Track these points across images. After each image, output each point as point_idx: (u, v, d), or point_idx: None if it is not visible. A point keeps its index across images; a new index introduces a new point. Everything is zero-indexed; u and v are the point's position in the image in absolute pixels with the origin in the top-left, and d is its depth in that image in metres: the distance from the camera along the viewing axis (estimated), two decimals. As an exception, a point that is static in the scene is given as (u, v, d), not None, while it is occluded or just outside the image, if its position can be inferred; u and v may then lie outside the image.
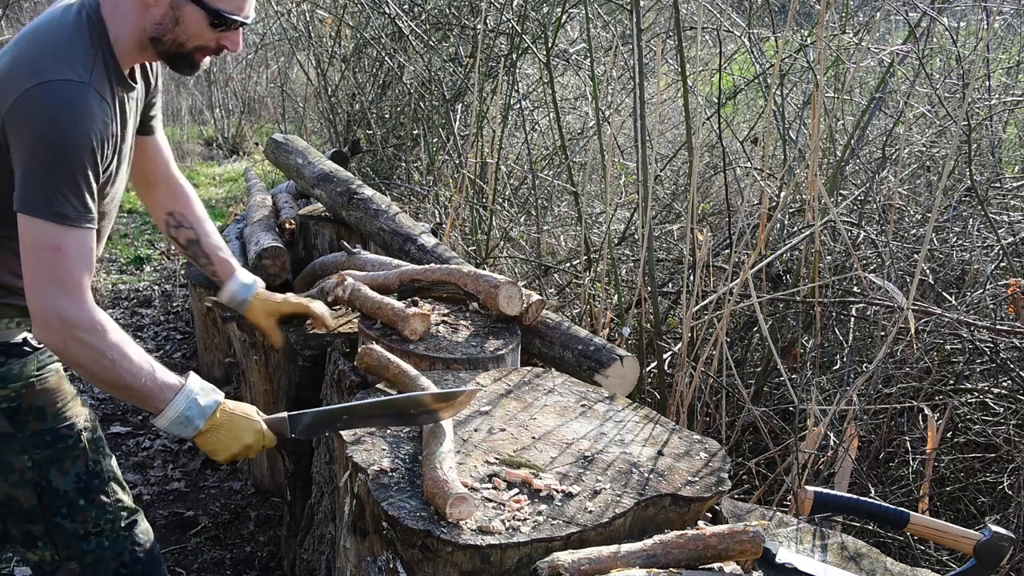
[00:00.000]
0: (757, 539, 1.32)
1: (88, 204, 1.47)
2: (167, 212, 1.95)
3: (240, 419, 1.60)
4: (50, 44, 1.50)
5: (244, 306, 2.05)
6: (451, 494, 1.32)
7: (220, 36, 1.59)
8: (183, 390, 1.55)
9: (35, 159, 1.43)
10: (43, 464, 1.67)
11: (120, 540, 1.77)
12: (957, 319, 2.35)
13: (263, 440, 1.62)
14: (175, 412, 1.54)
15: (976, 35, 3.89)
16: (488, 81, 4.73)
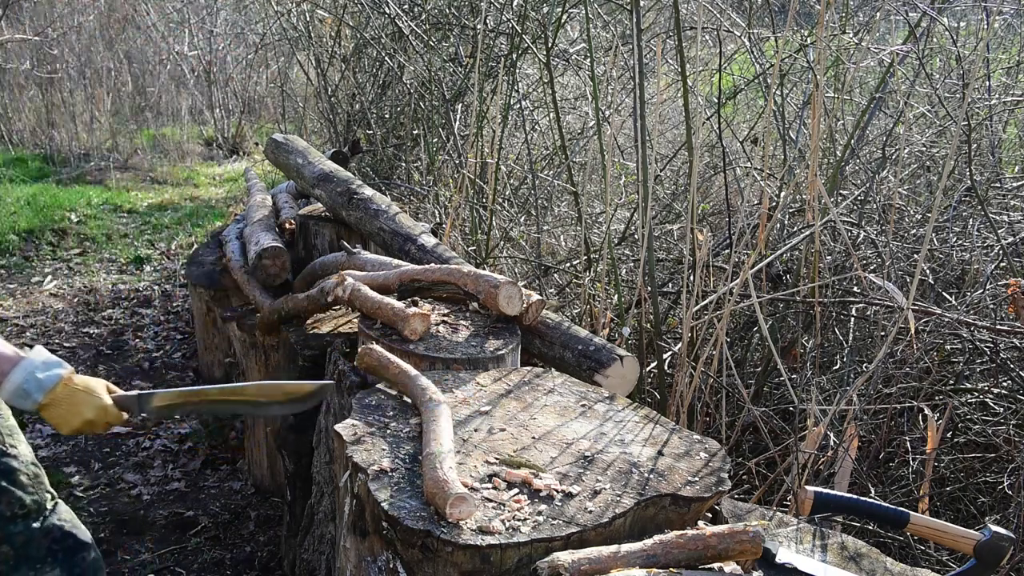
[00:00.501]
0: (757, 539, 1.32)
1: None
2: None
3: (82, 394, 1.63)
4: None
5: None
6: (451, 494, 1.32)
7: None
8: (22, 363, 1.58)
9: None
10: None
11: (47, 519, 1.81)
12: (957, 319, 2.35)
13: (106, 416, 1.65)
14: (13, 385, 1.56)
15: (976, 35, 3.89)
16: (488, 81, 4.73)
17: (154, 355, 4.45)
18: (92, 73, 8.88)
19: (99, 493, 3.23)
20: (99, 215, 6.68)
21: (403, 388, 1.75)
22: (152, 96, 9.49)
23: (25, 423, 3.66)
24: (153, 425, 3.65)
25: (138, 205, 7.15)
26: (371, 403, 1.73)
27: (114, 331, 4.73)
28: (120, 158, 8.38)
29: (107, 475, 3.36)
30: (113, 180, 7.73)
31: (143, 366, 4.31)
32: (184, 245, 6.20)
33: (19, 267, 5.55)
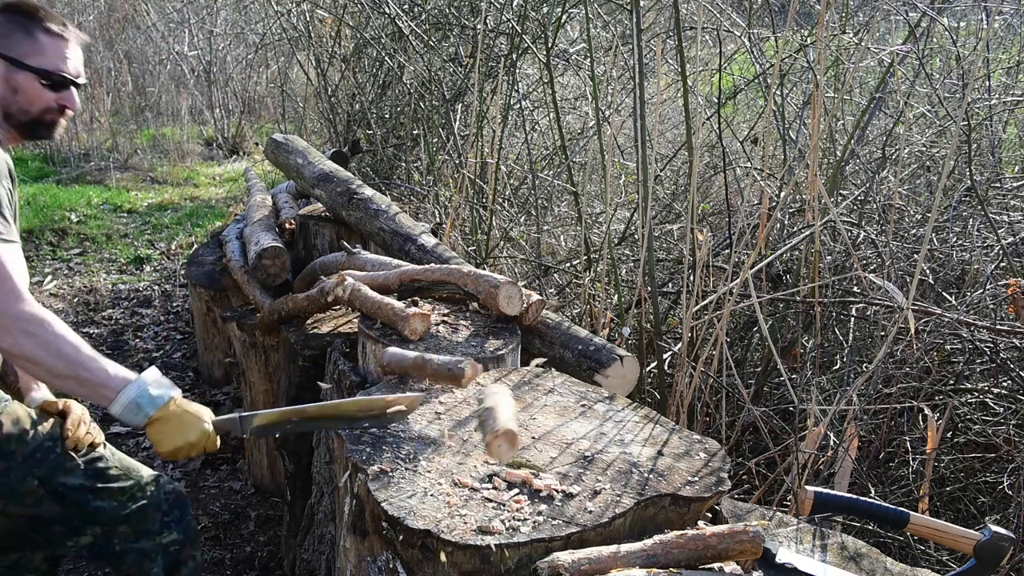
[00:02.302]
0: (757, 539, 1.32)
1: (12, 224, 1.69)
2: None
3: (190, 416, 1.70)
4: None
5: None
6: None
7: (57, 96, 1.80)
8: (138, 380, 1.66)
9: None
10: (48, 477, 1.84)
11: (153, 494, 1.98)
12: (957, 319, 2.35)
13: (206, 441, 1.71)
14: (127, 399, 1.64)
15: (976, 35, 3.89)
16: (488, 81, 4.73)
17: (154, 355, 4.45)
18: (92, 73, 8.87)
19: (99, 493, 3.23)
20: (99, 215, 6.68)
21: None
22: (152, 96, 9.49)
23: (25, 423, 3.67)
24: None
25: (138, 205, 7.15)
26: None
27: (114, 331, 4.73)
28: (120, 158, 8.38)
29: (107, 475, 3.36)
30: (113, 180, 7.73)
31: (143, 366, 4.31)
32: (184, 245, 6.20)
33: (19, 267, 5.54)
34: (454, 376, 1.72)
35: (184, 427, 1.68)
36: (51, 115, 1.82)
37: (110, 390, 1.64)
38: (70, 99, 1.83)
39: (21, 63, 1.76)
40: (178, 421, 1.68)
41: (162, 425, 1.68)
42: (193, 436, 1.69)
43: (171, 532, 2.01)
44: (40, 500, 1.84)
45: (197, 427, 1.70)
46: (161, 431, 1.68)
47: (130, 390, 1.64)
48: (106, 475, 1.92)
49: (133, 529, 1.95)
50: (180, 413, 1.69)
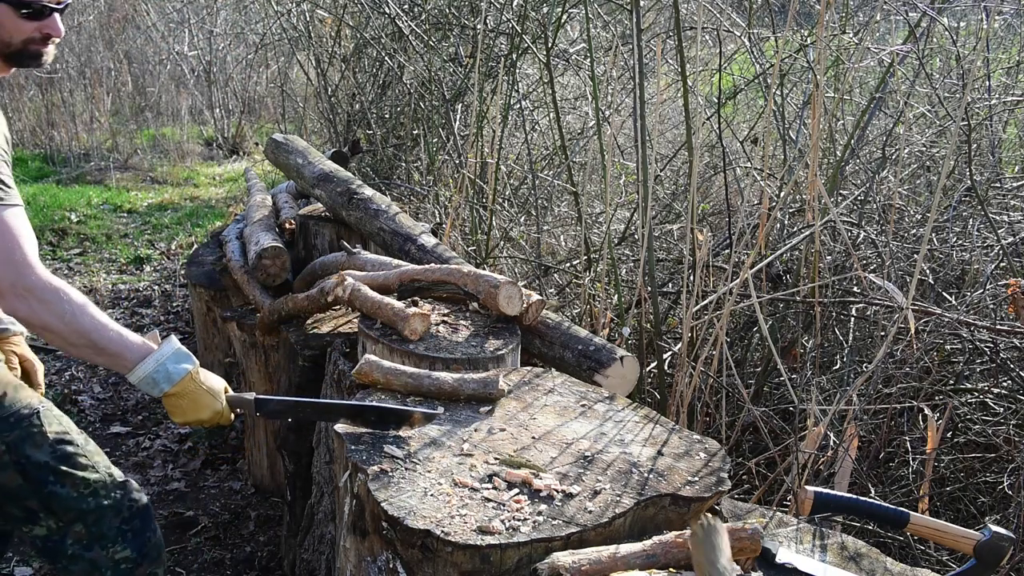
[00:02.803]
0: (755, 536, 1.32)
1: (13, 187, 1.65)
2: None
3: (204, 395, 1.73)
4: None
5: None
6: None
7: (40, 25, 1.72)
8: (156, 352, 1.68)
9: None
10: (16, 444, 1.80)
11: (117, 496, 1.91)
12: (957, 319, 2.35)
13: (220, 418, 1.75)
14: (144, 372, 1.66)
15: (976, 35, 3.89)
16: (488, 81, 4.73)
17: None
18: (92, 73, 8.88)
19: (99, 493, 3.23)
20: (99, 215, 6.68)
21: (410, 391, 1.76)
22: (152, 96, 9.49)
23: (25, 423, 3.67)
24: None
25: (138, 205, 7.15)
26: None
27: (114, 331, 4.73)
28: (120, 158, 8.38)
29: (107, 475, 3.36)
30: (113, 180, 7.73)
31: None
32: (184, 245, 6.20)
33: (19, 267, 5.54)
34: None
35: (198, 405, 1.72)
36: (34, 45, 1.76)
37: (128, 360, 1.67)
38: (53, 26, 1.76)
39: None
40: (192, 398, 1.71)
41: (177, 400, 1.71)
42: (205, 415, 1.73)
43: (125, 546, 1.92)
44: (4, 466, 1.80)
45: (210, 407, 1.73)
46: (176, 405, 1.72)
47: (148, 363, 1.67)
48: (73, 460, 1.87)
49: (88, 530, 1.88)
50: (195, 390, 1.72)
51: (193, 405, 1.72)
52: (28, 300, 1.59)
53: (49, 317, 1.61)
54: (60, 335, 1.64)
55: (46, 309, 1.60)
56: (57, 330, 1.63)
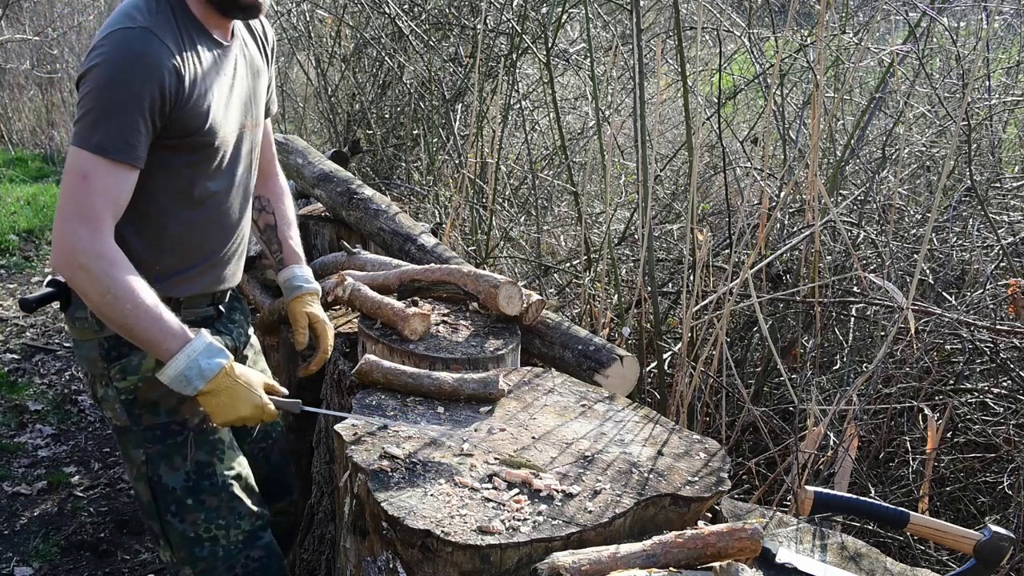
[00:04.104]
0: (755, 536, 1.32)
1: (131, 143, 1.49)
2: (256, 195, 1.96)
3: (242, 389, 1.59)
4: (124, 7, 1.57)
5: (292, 293, 1.97)
6: None
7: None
8: (187, 347, 1.54)
9: (87, 97, 1.49)
10: (154, 459, 1.71)
11: (234, 551, 1.75)
12: (957, 319, 2.35)
13: (261, 414, 1.61)
14: (175, 370, 1.54)
15: (976, 35, 3.89)
16: (488, 81, 4.73)
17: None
18: (92, 73, 8.87)
19: (99, 493, 3.23)
20: (99, 215, 6.68)
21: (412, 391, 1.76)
22: (152, 96, 9.48)
23: (25, 423, 3.67)
24: None
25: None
26: (371, 403, 1.73)
27: (114, 331, 4.73)
28: (120, 158, 8.38)
29: (107, 475, 3.36)
30: (113, 180, 7.73)
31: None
32: (184, 245, 6.18)
33: (19, 267, 5.54)
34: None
35: (237, 401, 1.58)
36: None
37: (162, 352, 1.54)
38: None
39: None
40: (230, 395, 1.58)
41: (213, 398, 1.57)
42: (247, 411, 1.60)
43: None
44: (140, 477, 1.73)
45: (250, 402, 1.59)
46: (213, 404, 1.58)
47: (179, 360, 1.53)
48: (204, 497, 1.73)
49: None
50: (232, 386, 1.58)
51: (232, 402, 1.58)
52: (70, 259, 1.47)
53: (88, 288, 1.48)
54: (97, 309, 1.53)
55: (87, 278, 1.47)
56: (95, 303, 1.51)
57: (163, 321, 1.53)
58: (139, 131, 1.49)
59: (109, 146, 1.47)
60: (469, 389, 1.77)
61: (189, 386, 1.55)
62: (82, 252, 1.46)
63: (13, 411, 3.74)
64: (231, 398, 1.58)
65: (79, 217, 1.46)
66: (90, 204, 1.47)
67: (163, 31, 1.53)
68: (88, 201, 1.47)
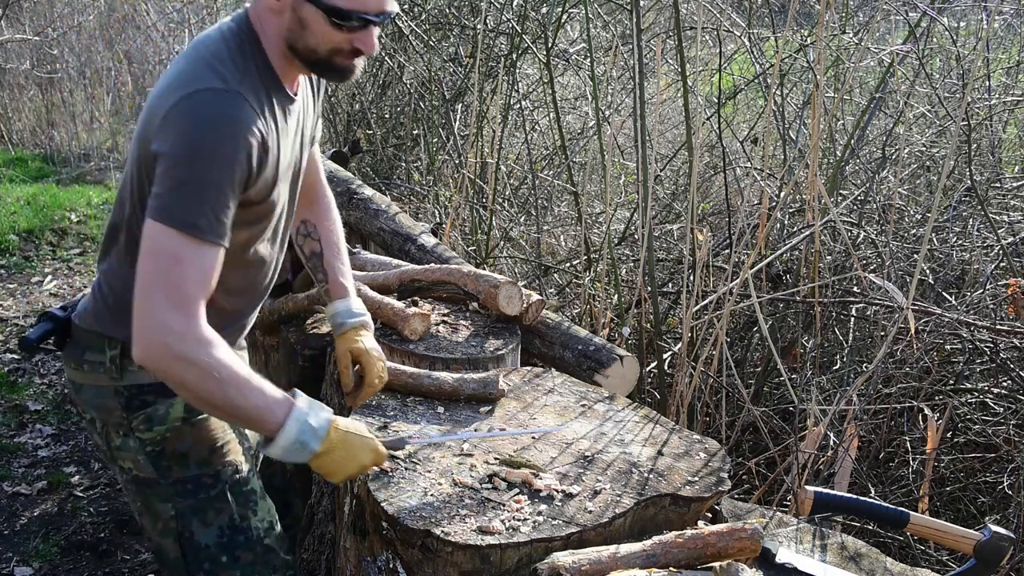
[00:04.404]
0: (755, 536, 1.32)
1: (222, 220, 1.37)
2: (302, 220, 1.84)
3: (355, 437, 1.44)
4: (200, 58, 1.44)
5: (337, 330, 1.78)
6: None
7: (350, 37, 1.44)
8: (294, 413, 1.39)
9: (175, 166, 1.35)
10: (185, 514, 1.60)
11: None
12: (957, 319, 2.35)
13: (377, 459, 1.46)
14: (288, 440, 1.38)
15: (976, 35, 3.89)
16: (488, 81, 4.73)
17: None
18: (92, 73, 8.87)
19: (99, 493, 3.23)
20: (99, 215, 6.68)
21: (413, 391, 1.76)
22: (152, 96, 9.48)
23: (25, 423, 3.67)
24: None
25: (138, 205, 7.15)
26: (371, 403, 1.73)
27: (114, 331, 4.73)
28: (120, 158, 8.38)
29: (107, 475, 3.35)
30: (113, 180, 7.73)
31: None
32: (184, 245, 6.18)
33: (19, 267, 5.54)
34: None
35: (354, 451, 1.42)
36: (342, 58, 1.47)
37: (270, 426, 1.38)
38: (366, 41, 1.46)
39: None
40: (346, 447, 1.42)
41: (329, 456, 1.41)
42: (366, 458, 1.44)
43: None
44: (168, 532, 1.61)
45: (366, 448, 1.44)
46: (329, 462, 1.42)
47: (290, 428, 1.37)
48: (237, 555, 1.62)
49: None
50: (345, 438, 1.42)
51: (349, 454, 1.42)
52: (165, 350, 1.33)
53: (190, 377, 1.34)
54: (199, 398, 1.38)
55: (188, 368, 1.33)
56: (196, 392, 1.37)
57: (265, 393, 1.39)
58: (228, 207, 1.38)
59: (203, 226, 1.34)
60: (469, 389, 1.77)
61: (304, 451, 1.40)
62: (179, 341, 1.32)
63: (13, 411, 3.74)
64: (347, 450, 1.42)
65: (172, 304, 1.33)
66: (184, 289, 1.33)
67: (251, 93, 1.42)
68: (182, 285, 1.33)
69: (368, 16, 1.42)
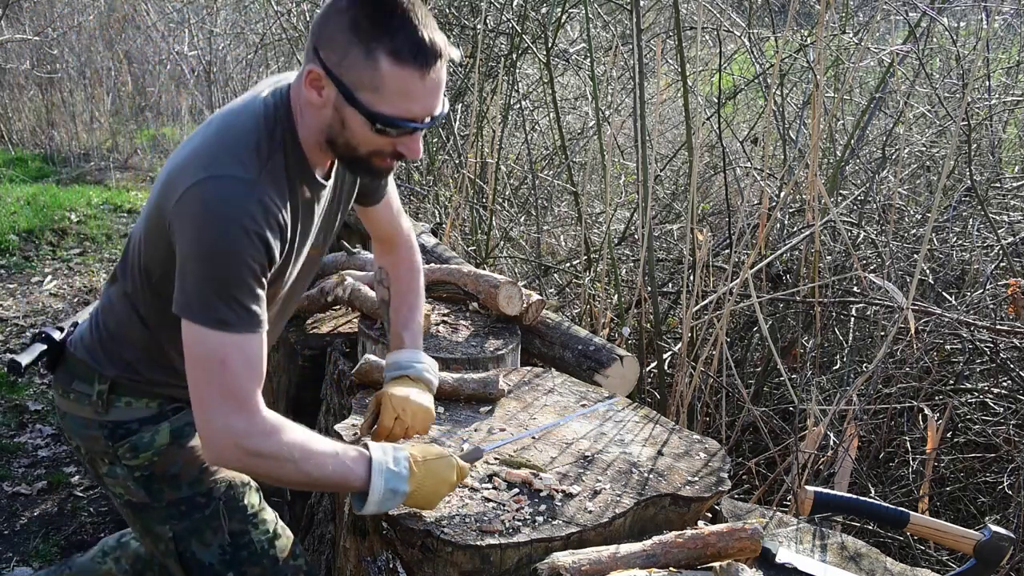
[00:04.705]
0: (755, 536, 1.32)
1: (253, 308, 1.33)
2: (379, 266, 1.82)
3: (436, 463, 1.38)
4: (228, 135, 1.38)
5: (385, 380, 1.72)
6: None
7: (393, 141, 1.36)
8: (374, 466, 1.34)
9: (195, 260, 1.31)
10: (182, 536, 1.58)
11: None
12: (957, 319, 2.35)
13: (462, 473, 1.41)
14: (378, 493, 1.33)
15: (976, 35, 3.89)
16: (488, 81, 4.73)
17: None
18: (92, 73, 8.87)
19: (99, 493, 3.23)
20: (99, 215, 6.68)
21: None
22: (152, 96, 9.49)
23: (25, 423, 3.67)
24: None
25: (138, 205, 7.15)
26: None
27: (114, 331, 4.73)
28: (120, 158, 8.38)
29: (107, 475, 3.36)
30: (113, 180, 7.73)
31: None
32: (184, 245, 6.18)
33: (19, 267, 5.54)
34: None
35: (441, 477, 1.37)
36: (380, 160, 1.40)
37: (354, 486, 1.34)
38: (411, 147, 1.38)
39: (352, 96, 1.31)
40: (432, 477, 1.36)
41: (420, 492, 1.35)
42: (453, 478, 1.38)
43: None
44: (169, 553, 1.59)
45: (450, 467, 1.38)
46: (422, 497, 1.36)
47: (376, 483, 1.32)
48: (243, 568, 1.60)
49: None
50: (428, 468, 1.36)
51: (437, 483, 1.36)
52: (238, 452, 1.30)
53: (268, 469, 1.31)
54: (280, 482, 1.36)
55: (263, 462, 1.30)
56: (278, 479, 1.34)
57: (340, 457, 1.34)
58: (258, 294, 1.35)
59: (232, 320, 1.31)
60: (469, 389, 1.77)
61: (397, 497, 1.34)
62: (247, 439, 1.29)
63: (13, 411, 3.74)
64: (435, 478, 1.36)
65: (229, 407, 1.30)
66: (236, 387, 1.31)
67: (271, 183, 1.36)
68: (233, 385, 1.31)
69: (413, 123, 1.33)
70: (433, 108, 1.35)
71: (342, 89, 1.30)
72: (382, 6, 1.27)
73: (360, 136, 1.35)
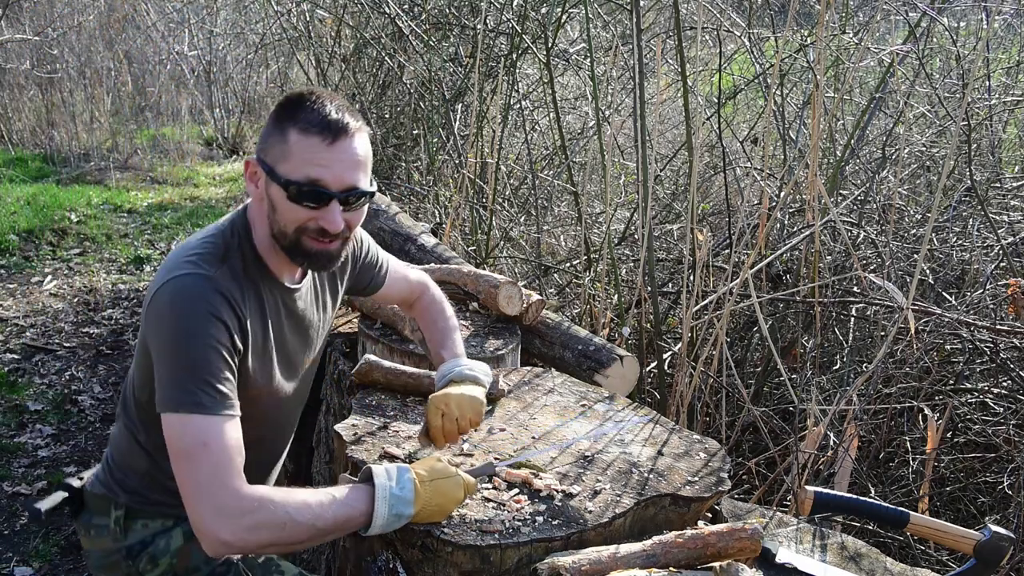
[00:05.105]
0: (755, 536, 1.32)
1: (224, 390, 1.37)
2: (410, 318, 2.03)
3: (441, 483, 1.39)
4: (190, 246, 1.48)
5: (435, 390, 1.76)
6: None
7: (313, 214, 1.41)
8: (377, 494, 1.35)
9: (166, 354, 1.38)
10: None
11: None
12: (957, 319, 2.35)
13: (470, 489, 1.42)
14: (382, 521, 1.35)
15: (976, 35, 3.89)
16: (488, 81, 4.73)
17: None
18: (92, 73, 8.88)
19: (99, 493, 3.23)
20: (99, 215, 6.68)
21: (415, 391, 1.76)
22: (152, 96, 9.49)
23: (25, 423, 3.67)
24: None
25: (138, 205, 7.15)
26: (371, 403, 1.73)
27: (114, 331, 4.73)
28: (120, 158, 8.38)
29: (107, 475, 3.36)
30: (113, 180, 7.73)
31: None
32: (184, 245, 6.18)
33: (19, 267, 5.54)
34: None
35: (447, 495, 1.38)
36: (309, 239, 1.44)
37: (359, 522, 1.35)
38: (327, 218, 1.41)
39: (271, 171, 1.41)
40: (438, 495, 1.38)
41: (426, 511, 1.37)
42: (459, 495, 1.39)
43: None
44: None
45: (456, 485, 1.39)
46: (428, 515, 1.38)
47: (380, 511, 1.34)
48: None
49: None
50: (433, 487, 1.38)
51: (444, 499, 1.38)
52: (233, 534, 1.30)
53: (267, 539, 1.32)
54: (285, 547, 1.35)
55: (260, 534, 1.31)
56: (281, 546, 1.34)
57: (336, 499, 1.35)
58: (227, 377, 1.39)
59: (207, 403, 1.35)
60: None
61: (402, 519, 1.36)
62: (239, 516, 1.31)
63: (13, 411, 3.74)
64: (440, 496, 1.38)
65: (216, 486, 1.32)
66: (222, 466, 1.33)
67: (228, 279, 1.44)
68: (216, 467, 1.33)
69: (325, 190, 1.40)
70: (347, 180, 1.42)
71: (264, 167, 1.43)
72: (297, 97, 1.45)
73: (284, 213, 1.42)
